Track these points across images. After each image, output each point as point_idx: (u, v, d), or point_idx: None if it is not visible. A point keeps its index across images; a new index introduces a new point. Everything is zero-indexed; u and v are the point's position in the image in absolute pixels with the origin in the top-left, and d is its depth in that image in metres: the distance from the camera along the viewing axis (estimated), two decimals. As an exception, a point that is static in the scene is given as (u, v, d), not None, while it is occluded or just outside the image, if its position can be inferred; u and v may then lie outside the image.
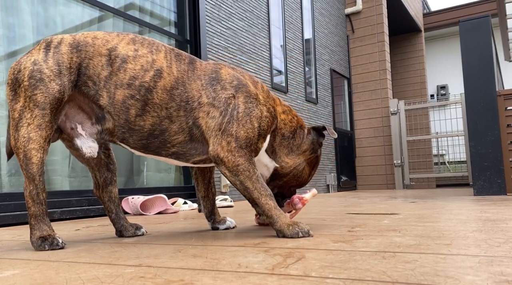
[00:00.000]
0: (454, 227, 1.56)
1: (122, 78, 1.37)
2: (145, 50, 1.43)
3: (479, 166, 3.88)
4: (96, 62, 1.38)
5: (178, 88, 1.42)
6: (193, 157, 1.49)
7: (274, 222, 1.40)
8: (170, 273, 0.92)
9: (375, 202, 3.42)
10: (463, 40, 4.06)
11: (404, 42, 9.43)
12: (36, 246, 1.31)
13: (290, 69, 5.86)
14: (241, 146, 1.42)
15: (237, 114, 1.44)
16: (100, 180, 1.60)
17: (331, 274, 0.85)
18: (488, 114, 3.87)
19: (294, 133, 1.61)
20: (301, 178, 1.66)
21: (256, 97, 1.50)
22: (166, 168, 3.91)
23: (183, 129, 1.43)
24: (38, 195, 1.32)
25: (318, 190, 6.34)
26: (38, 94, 1.30)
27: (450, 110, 7.85)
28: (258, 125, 1.46)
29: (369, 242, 1.26)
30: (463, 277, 0.79)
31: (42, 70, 1.32)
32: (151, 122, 1.40)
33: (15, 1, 2.82)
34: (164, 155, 1.48)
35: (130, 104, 1.38)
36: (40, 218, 1.33)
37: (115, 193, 1.61)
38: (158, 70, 1.41)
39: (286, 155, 1.60)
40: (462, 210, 2.36)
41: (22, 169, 1.33)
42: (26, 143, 1.30)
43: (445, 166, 9.26)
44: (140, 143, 1.43)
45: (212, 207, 1.73)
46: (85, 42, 1.39)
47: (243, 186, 1.42)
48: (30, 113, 1.30)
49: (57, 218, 2.60)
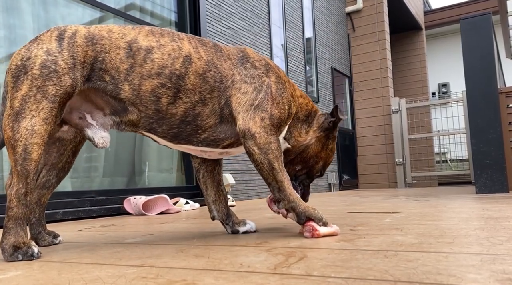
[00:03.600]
0: (456, 226, 1.56)
1: (150, 69, 1.34)
2: (167, 39, 1.41)
3: (481, 164, 3.87)
4: (113, 56, 1.33)
5: (210, 70, 1.42)
6: (222, 141, 1.47)
7: (297, 206, 1.38)
8: (172, 273, 0.92)
9: (377, 200, 3.42)
10: (464, 38, 4.05)
11: (405, 40, 9.41)
12: (7, 255, 1.16)
13: (291, 68, 5.86)
14: (274, 125, 1.42)
15: (271, 92, 1.45)
16: (41, 179, 1.46)
17: (333, 273, 0.85)
18: (490, 112, 3.86)
19: (308, 116, 1.62)
20: (308, 154, 1.60)
21: (283, 80, 1.53)
22: (168, 168, 3.91)
23: (215, 111, 1.42)
24: (26, 195, 1.21)
25: (319, 189, 6.33)
26: (49, 86, 1.23)
27: (451, 108, 7.83)
28: (288, 107, 1.49)
29: (371, 241, 1.26)
30: (465, 275, 0.79)
31: (57, 62, 1.25)
32: (183, 108, 1.38)
33: (16, 2, 2.83)
34: (195, 143, 1.45)
35: (162, 93, 1.35)
36: (19, 222, 1.19)
37: (46, 198, 1.48)
38: (187, 56, 1.40)
39: (299, 135, 1.59)
40: (464, 208, 2.35)
41: (15, 163, 1.20)
42: (29, 137, 1.20)
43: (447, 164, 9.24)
44: (171, 132, 1.41)
45: (226, 210, 1.62)
46: (101, 35, 1.35)
47: (270, 166, 1.38)
48: (36, 105, 1.21)
49: (60, 219, 2.60)
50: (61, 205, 2.70)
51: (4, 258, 1.16)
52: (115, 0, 3.57)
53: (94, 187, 3.23)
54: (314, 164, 1.63)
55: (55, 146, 1.46)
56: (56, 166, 1.47)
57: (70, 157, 1.50)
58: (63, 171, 1.50)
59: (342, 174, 7.08)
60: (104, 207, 2.96)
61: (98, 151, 3.32)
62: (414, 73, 9.29)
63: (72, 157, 1.51)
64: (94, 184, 3.26)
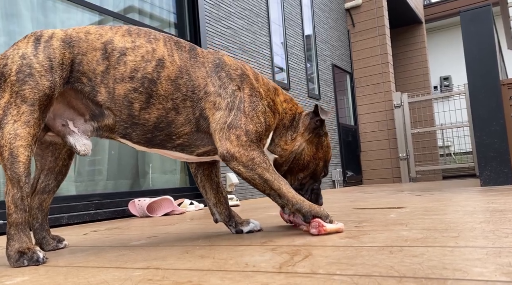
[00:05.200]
0: (461, 219, 1.56)
1: (123, 71, 1.32)
2: (142, 40, 1.38)
3: (485, 156, 3.86)
4: (90, 58, 1.31)
5: (182, 77, 1.37)
6: (198, 148, 1.44)
7: (302, 207, 1.36)
8: (178, 275, 0.92)
9: (381, 196, 3.41)
10: (464, 30, 4.03)
11: (405, 35, 9.39)
12: (13, 261, 1.16)
13: (292, 66, 5.85)
14: (252, 140, 1.38)
15: (243, 108, 1.40)
16: (40, 184, 1.47)
17: (338, 270, 0.85)
18: (492, 104, 3.85)
19: (293, 120, 1.57)
20: (304, 159, 1.55)
21: (258, 91, 1.47)
22: (171, 169, 3.92)
23: (190, 120, 1.39)
24: (22, 199, 1.19)
25: (323, 186, 6.33)
26: (26, 90, 1.22)
27: (454, 101, 7.81)
28: (263, 120, 1.43)
29: (376, 237, 1.26)
30: (471, 269, 0.79)
31: (31, 65, 1.24)
32: (156, 114, 1.35)
33: (16, 8, 2.84)
34: (169, 148, 1.43)
35: (134, 98, 1.33)
36: (21, 228, 1.19)
37: (47, 203, 1.48)
38: (160, 60, 1.36)
39: (285, 143, 1.53)
40: (469, 201, 2.35)
41: (5, 169, 1.20)
42: (13, 140, 1.19)
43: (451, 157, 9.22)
44: (144, 137, 1.38)
45: (228, 211, 1.61)
46: (78, 37, 1.34)
47: (262, 180, 1.36)
48: (17, 110, 1.21)
49: (65, 223, 2.61)
50: (66, 209, 2.71)
51: (10, 264, 1.17)
52: (114, 3, 3.57)
53: (98, 190, 3.24)
54: (315, 167, 1.59)
55: (49, 150, 1.46)
56: (53, 170, 1.47)
57: (66, 160, 1.49)
58: (61, 175, 1.50)
59: (345, 171, 7.07)
60: (109, 210, 2.97)
61: (102, 154, 3.33)
62: (416, 67, 9.27)
63: (68, 160, 1.50)
64: (99, 187, 3.28)
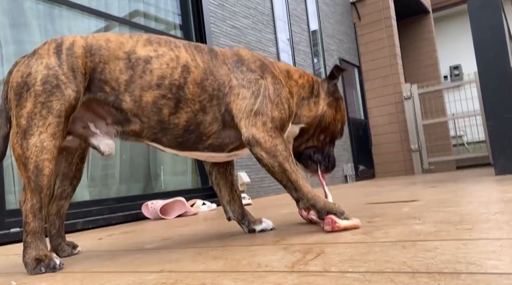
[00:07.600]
0: (475, 211, 1.54)
1: (150, 80, 1.35)
2: (164, 49, 1.41)
3: (498, 145, 3.80)
4: (113, 67, 1.33)
5: (208, 79, 1.42)
6: (227, 146, 1.47)
7: (316, 203, 1.39)
8: (191, 277, 0.93)
9: (394, 189, 3.39)
10: (472, 18, 3.97)
11: (412, 25, 9.28)
12: (30, 268, 1.18)
13: (299, 62, 5.83)
14: (277, 127, 1.42)
15: (269, 95, 1.45)
16: (57, 190, 1.49)
17: (350, 268, 0.85)
18: (504, 91, 3.79)
19: (312, 90, 1.63)
20: (326, 121, 1.63)
21: (279, 79, 1.52)
22: (183, 170, 3.94)
23: (217, 118, 1.43)
24: (41, 209, 1.22)
25: (335, 181, 6.30)
26: (53, 101, 1.24)
27: (464, 90, 7.70)
28: (287, 106, 1.49)
29: (389, 232, 1.25)
30: (485, 262, 0.78)
31: (58, 76, 1.26)
32: (185, 118, 1.39)
33: (24, 18, 2.87)
34: (201, 149, 1.46)
35: (163, 104, 1.36)
36: (38, 236, 1.21)
37: (65, 209, 1.51)
38: (185, 65, 1.39)
39: (309, 110, 1.60)
40: (484, 191, 2.32)
41: (28, 180, 1.22)
42: (39, 153, 1.21)
43: (464, 147, 9.10)
44: (176, 141, 1.42)
45: (241, 210, 1.64)
46: (99, 45, 1.35)
47: (282, 168, 1.39)
48: (43, 121, 1.23)
49: (80, 229, 2.64)
50: (81, 215, 2.74)
51: (27, 272, 1.18)
52: (120, 9, 3.60)
53: (111, 194, 3.27)
54: (334, 128, 1.66)
55: (62, 156, 1.47)
56: (67, 175, 1.50)
57: (79, 164, 1.51)
58: (76, 179, 1.52)
59: (358, 165, 7.03)
60: (123, 213, 3.00)
61: (114, 158, 3.36)
62: (424, 58, 9.16)
63: (81, 164, 1.52)
64: (112, 191, 3.31)
